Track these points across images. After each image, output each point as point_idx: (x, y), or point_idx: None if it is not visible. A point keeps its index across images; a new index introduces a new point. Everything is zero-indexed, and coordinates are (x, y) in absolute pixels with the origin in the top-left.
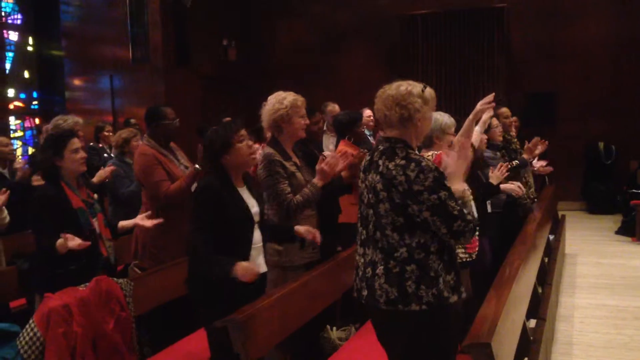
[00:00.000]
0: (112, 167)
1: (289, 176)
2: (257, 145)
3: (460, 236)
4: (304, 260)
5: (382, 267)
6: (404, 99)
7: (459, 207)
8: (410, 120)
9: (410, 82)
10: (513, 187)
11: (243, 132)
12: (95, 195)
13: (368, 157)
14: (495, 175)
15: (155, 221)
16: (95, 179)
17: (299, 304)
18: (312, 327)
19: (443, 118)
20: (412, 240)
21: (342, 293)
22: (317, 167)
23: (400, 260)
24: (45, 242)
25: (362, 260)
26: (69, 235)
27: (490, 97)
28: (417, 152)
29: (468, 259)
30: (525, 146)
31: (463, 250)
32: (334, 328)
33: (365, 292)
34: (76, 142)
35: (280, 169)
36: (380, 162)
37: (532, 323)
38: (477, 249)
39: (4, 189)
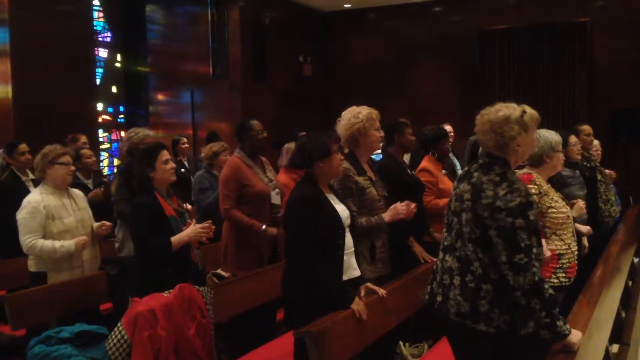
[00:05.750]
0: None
1: (360, 192)
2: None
3: (519, 271)
4: (375, 274)
5: (458, 277)
6: (500, 126)
7: (529, 243)
8: (507, 146)
9: (510, 105)
10: (584, 229)
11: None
12: (185, 205)
13: (465, 169)
14: (577, 207)
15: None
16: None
17: (373, 319)
18: (386, 343)
19: (552, 135)
20: (485, 257)
21: (416, 309)
22: (393, 206)
23: (477, 276)
24: (150, 244)
25: (441, 265)
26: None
27: None
28: (513, 170)
29: (567, 284)
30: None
31: (564, 275)
32: (407, 344)
33: (439, 298)
34: (166, 154)
35: (352, 185)
36: (476, 174)
37: (615, 348)
38: (575, 273)
39: (104, 222)
